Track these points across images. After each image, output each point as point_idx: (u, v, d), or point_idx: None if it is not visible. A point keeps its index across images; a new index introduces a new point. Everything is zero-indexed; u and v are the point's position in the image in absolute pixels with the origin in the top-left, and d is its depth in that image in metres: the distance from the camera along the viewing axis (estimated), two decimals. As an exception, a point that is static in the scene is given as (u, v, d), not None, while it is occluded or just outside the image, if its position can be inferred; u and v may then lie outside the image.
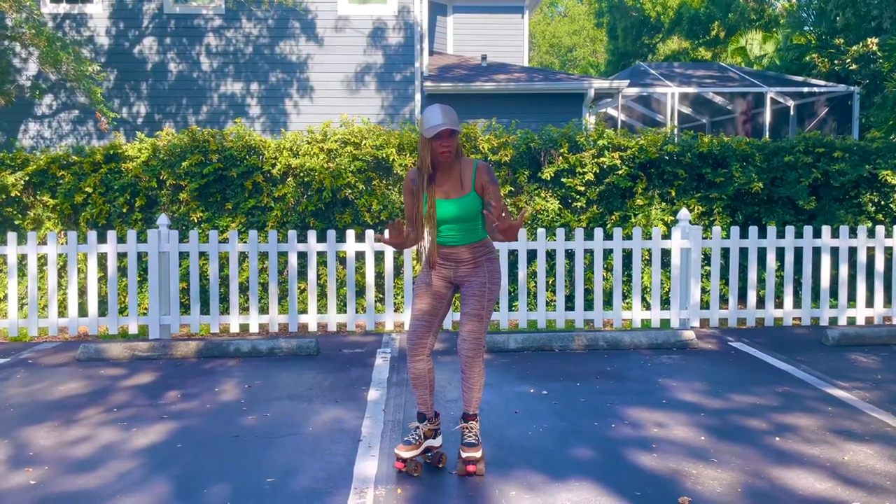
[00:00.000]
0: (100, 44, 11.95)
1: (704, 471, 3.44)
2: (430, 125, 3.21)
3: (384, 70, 12.13)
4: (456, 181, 3.36)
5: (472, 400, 3.45)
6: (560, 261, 6.76)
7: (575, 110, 12.36)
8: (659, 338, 6.02)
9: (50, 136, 11.94)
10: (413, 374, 3.46)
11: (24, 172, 7.41)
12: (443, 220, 3.35)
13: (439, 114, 3.23)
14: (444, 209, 3.34)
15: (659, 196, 7.59)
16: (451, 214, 3.33)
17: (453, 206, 3.33)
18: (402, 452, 3.39)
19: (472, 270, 3.43)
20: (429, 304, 3.44)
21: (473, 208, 3.36)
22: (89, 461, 3.60)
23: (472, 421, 3.43)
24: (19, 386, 5.01)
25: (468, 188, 3.35)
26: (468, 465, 3.36)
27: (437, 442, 3.52)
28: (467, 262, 3.43)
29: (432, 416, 3.51)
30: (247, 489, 3.26)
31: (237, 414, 4.33)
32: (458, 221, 3.35)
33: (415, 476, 3.39)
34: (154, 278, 6.55)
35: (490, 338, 5.99)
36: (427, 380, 3.46)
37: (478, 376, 3.43)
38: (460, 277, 3.45)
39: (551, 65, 37.81)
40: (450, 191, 3.35)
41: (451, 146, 3.27)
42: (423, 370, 3.44)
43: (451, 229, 3.37)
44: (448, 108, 3.28)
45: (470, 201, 3.35)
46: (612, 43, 27.23)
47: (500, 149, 7.51)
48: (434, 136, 3.23)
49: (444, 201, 3.34)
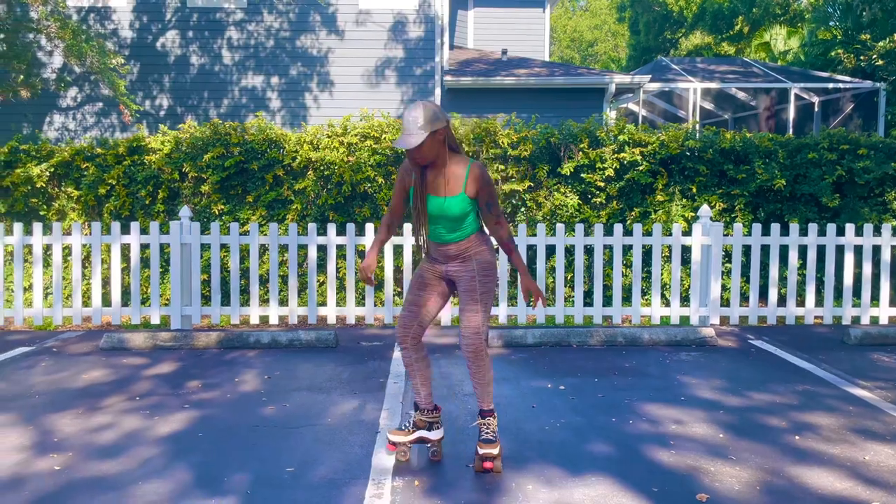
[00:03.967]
0: (123, 37, 12.07)
1: (723, 468, 3.43)
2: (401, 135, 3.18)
3: (404, 64, 12.14)
4: (445, 180, 3.30)
5: (483, 395, 3.43)
6: (579, 256, 6.74)
7: (595, 105, 12.30)
8: (678, 335, 5.99)
9: (74, 128, 12.10)
10: (405, 363, 3.51)
11: (49, 164, 7.53)
12: (431, 215, 3.34)
13: (404, 126, 3.16)
14: (431, 206, 3.32)
15: (679, 192, 7.54)
16: (437, 212, 3.32)
17: (440, 204, 3.30)
18: (392, 436, 3.47)
19: (460, 266, 3.42)
20: (416, 294, 3.47)
21: (461, 209, 3.29)
22: (113, 448, 3.66)
23: (489, 417, 3.42)
24: (44, 374, 5.10)
25: (458, 189, 3.28)
26: (485, 462, 3.35)
27: (434, 435, 3.50)
28: (455, 257, 3.42)
29: (427, 407, 3.51)
30: (266, 478, 3.30)
31: (257, 404, 4.37)
32: (443, 220, 3.33)
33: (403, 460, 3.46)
34: (176, 269, 6.63)
35: (508, 332, 5.99)
36: (416, 369, 3.48)
37: (484, 370, 3.40)
38: (451, 273, 3.46)
39: (572, 59, 37.61)
40: (438, 189, 3.31)
41: (420, 155, 3.18)
42: (410, 359, 3.48)
43: (438, 226, 3.36)
44: (412, 115, 3.14)
45: (457, 202, 3.28)
46: (633, 38, 27.02)
47: (520, 144, 7.50)
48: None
49: (432, 197, 3.32)
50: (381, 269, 7.39)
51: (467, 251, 3.40)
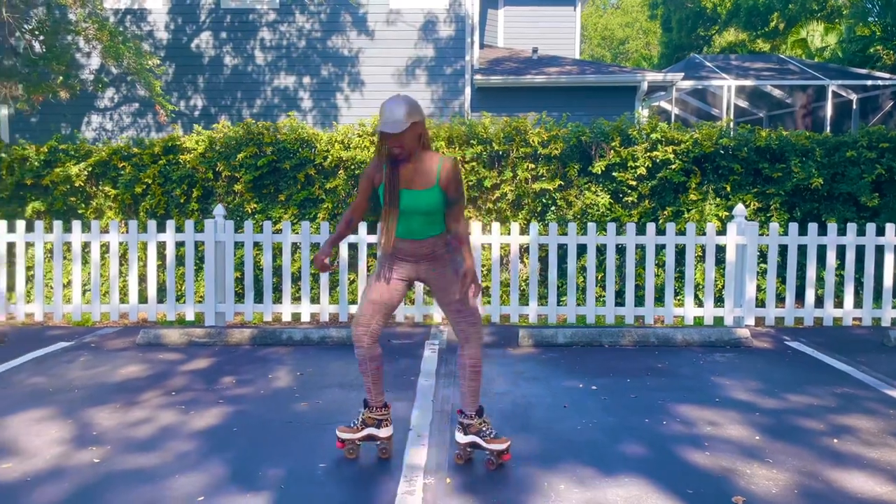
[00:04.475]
0: (159, 38, 12.28)
1: (759, 470, 3.37)
2: (379, 119, 3.21)
3: (434, 63, 12.16)
4: (419, 173, 3.30)
5: (479, 392, 3.46)
6: (611, 256, 6.68)
7: (627, 104, 12.19)
8: (712, 335, 5.91)
9: (111, 128, 12.34)
10: (359, 361, 3.48)
11: (87, 163, 7.69)
12: (404, 210, 3.32)
13: (386, 112, 3.17)
14: (406, 200, 3.31)
15: (713, 191, 7.44)
16: (411, 207, 3.31)
17: (414, 197, 3.30)
18: (341, 434, 3.48)
19: (433, 264, 3.43)
20: (378, 293, 3.44)
21: (435, 202, 3.30)
22: (149, 442, 3.72)
23: (485, 414, 3.49)
24: (83, 368, 5.21)
25: (431, 182, 3.29)
26: (505, 455, 3.40)
27: (383, 433, 3.50)
28: (426, 256, 3.41)
29: (376, 405, 3.50)
30: (300, 473, 3.33)
31: (290, 400, 4.42)
32: (417, 215, 3.33)
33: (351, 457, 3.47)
34: (210, 267, 6.72)
35: (538, 332, 5.97)
36: (370, 367, 3.46)
37: (481, 367, 3.44)
38: (422, 273, 3.45)
39: (603, 58, 37.32)
40: (412, 182, 3.31)
41: (399, 143, 3.18)
42: (365, 357, 3.45)
43: (411, 222, 3.35)
44: (399, 104, 3.17)
45: (431, 195, 3.29)
46: (665, 35, 26.72)
47: (551, 142, 7.46)
48: (380, 135, 3.21)
49: (406, 192, 3.31)
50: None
51: (439, 249, 3.41)
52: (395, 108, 3.16)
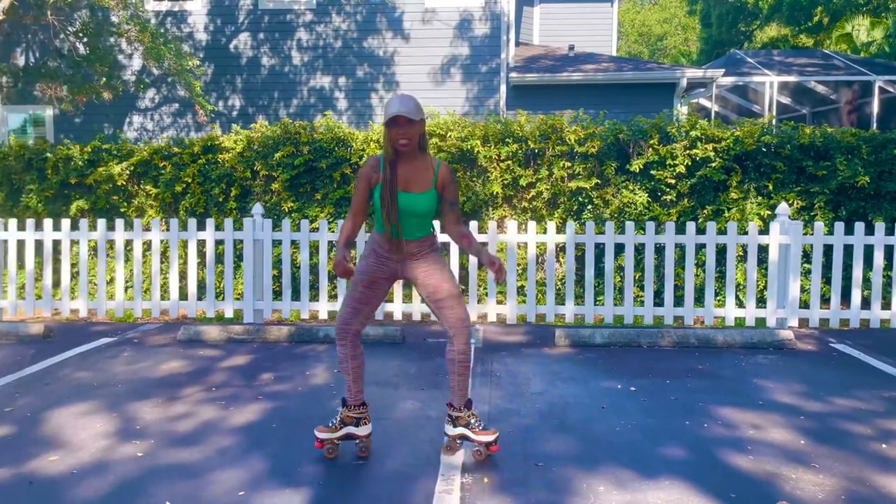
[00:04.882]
0: (198, 39, 12.48)
1: (804, 475, 3.29)
2: (386, 112, 3.22)
3: (470, 62, 12.14)
4: (417, 175, 3.33)
5: (467, 385, 3.50)
6: (649, 255, 6.59)
7: (665, 101, 12.02)
8: (754, 337, 5.79)
9: (152, 128, 12.58)
10: (340, 359, 3.48)
11: (129, 163, 7.84)
12: (401, 211, 3.33)
13: (396, 103, 3.20)
14: (403, 202, 3.32)
15: (755, 190, 7.29)
16: (407, 208, 3.32)
17: (411, 200, 3.32)
18: (320, 434, 3.46)
19: (419, 262, 3.45)
20: (362, 292, 3.44)
21: (430, 205, 3.34)
22: (191, 436, 3.78)
23: (473, 407, 3.55)
24: (126, 364, 5.32)
25: (428, 185, 3.33)
26: (493, 447, 3.45)
27: (362, 431, 3.51)
28: (413, 255, 3.44)
29: (355, 403, 3.50)
30: (338, 469, 3.35)
31: (328, 397, 4.45)
32: (412, 216, 3.34)
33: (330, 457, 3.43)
34: (249, 265, 6.81)
35: (575, 332, 5.91)
36: (351, 365, 3.47)
37: (470, 362, 3.47)
38: (408, 273, 3.46)
39: (640, 54, 36.88)
40: (410, 184, 3.33)
41: (408, 135, 3.21)
42: (347, 355, 3.46)
43: (407, 222, 3.36)
44: (409, 97, 3.24)
45: (427, 198, 3.33)
46: (705, 31, 26.29)
47: (587, 140, 7.39)
48: (390, 123, 3.22)
49: (403, 193, 3.32)
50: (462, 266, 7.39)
51: (424, 248, 3.45)
52: (406, 101, 3.22)
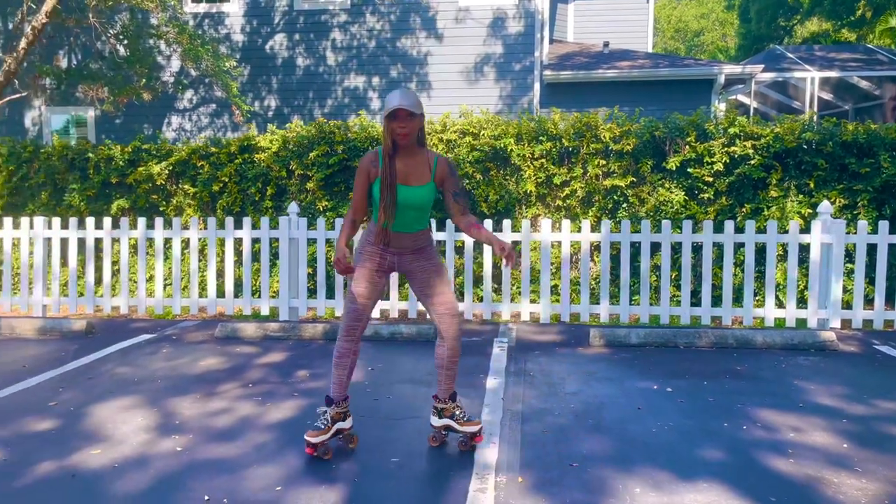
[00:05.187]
0: (235, 40, 12.65)
1: (847, 480, 3.21)
2: (387, 105, 3.26)
3: (503, 60, 12.10)
4: (416, 169, 3.37)
5: (454, 378, 3.57)
6: (686, 254, 6.50)
7: (703, 98, 11.83)
8: (795, 338, 5.67)
9: (190, 128, 12.79)
10: (338, 354, 3.48)
11: (168, 162, 7.99)
12: (400, 205, 3.36)
13: (398, 96, 3.24)
14: (402, 195, 3.35)
15: (795, 188, 7.13)
16: (406, 201, 3.35)
17: (410, 193, 3.35)
18: (312, 438, 3.43)
19: (415, 257, 3.50)
20: (365, 287, 3.47)
21: (428, 198, 3.39)
22: (228, 432, 3.84)
23: (458, 398, 3.64)
24: (165, 360, 5.42)
25: (427, 178, 3.38)
26: (477, 438, 3.54)
27: (347, 424, 3.55)
28: (409, 249, 3.47)
29: (341, 398, 3.52)
30: (373, 468, 3.37)
31: (362, 395, 4.47)
32: (411, 210, 3.38)
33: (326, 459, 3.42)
34: (284, 263, 6.88)
35: (610, 331, 5.86)
36: (349, 362, 3.49)
37: (458, 357, 3.56)
38: (404, 265, 3.50)
39: (676, 50, 36.38)
40: (409, 177, 3.37)
41: (408, 127, 3.26)
42: (349, 351, 3.48)
43: (405, 216, 3.40)
44: (410, 92, 3.29)
45: (426, 191, 3.38)
46: (743, 26, 25.82)
47: (622, 138, 7.31)
48: (391, 117, 3.25)
49: (402, 187, 3.36)
50: (479, 265, 7.39)
51: (421, 243, 3.49)
52: (407, 95, 3.27)
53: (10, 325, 6.39)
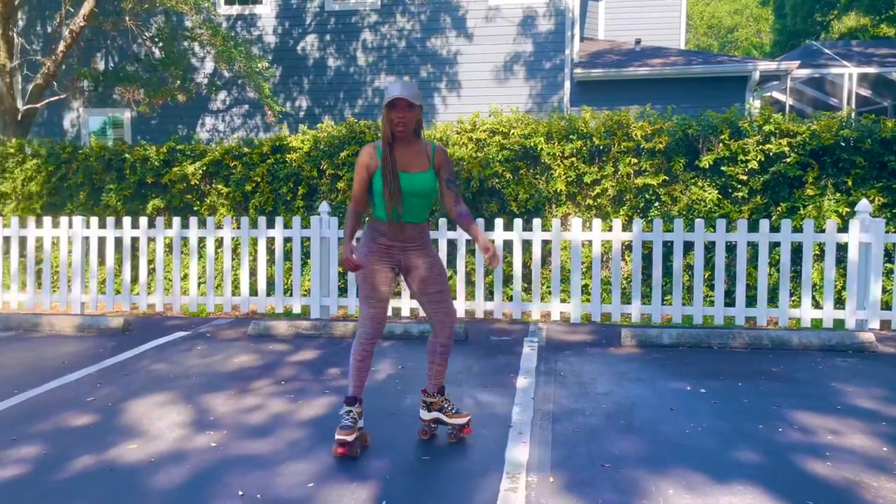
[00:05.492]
0: (267, 42, 12.78)
1: (887, 483, 3.14)
2: (387, 95, 3.32)
3: (533, 58, 12.05)
4: (415, 157, 3.44)
5: (444, 374, 3.69)
6: (720, 253, 6.41)
7: (737, 95, 11.65)
8: (832, 339, 5.56)
9: (223, 128, 12.96)
10: (360, 357, 3.52)
11: (202, 162, 8.10)
12: (404, 192, 3.41)
13: (398, 86, 3.31)
14: (405, 182, 3.41)
15: (833, 186, 6.99)
16: (409, 189, 3.40)
17: (413, 179, 3.41)
18: (347, 437, 3.43)
19: (419, 253, 3.55)
20: (379, 289, 3.50)
21: (431, 185, 3.46)
22: (262, 428, 3.88)
23: (446, 392, 3.74)
24: (200, 357, 5.50)
25: (426, 165, 3.46)
26: (465, 429, 3.65)
27: (362, 423, 3.61)
28: (414, 241, 3.52)
29: (360, 398, 3.59)
30: (404, 465, 3.38)
31: (393, 393, 4.49)
32: (415, 197, 3.43)
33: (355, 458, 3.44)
34: (316, 262, 6.94)
35: (642, 332, 5.80)
36: (367, 364, 3.55)
37: (449, 354, 3.66)
38: (410, 260, 3.53)
39: (709, 47, 35.88)
40: (409, 165, 3.43)
41: (406, 118, 3.33)
42: (367, 353, 3.53)
43: (411, 204, 3.44)
44: (410, 84, 3.36)
45: (428, 177, 3.45)
46: (778, 22, 25.36)
47: (654, 136, 7.24)
48: (390, 106, 3.32)
49: (404, 174, 3.41)
50: (509, 264, 7.37)
51: (424, 237, 3.56)
52: (408, 86, 3.34)
53: (50, 322, 6.54)
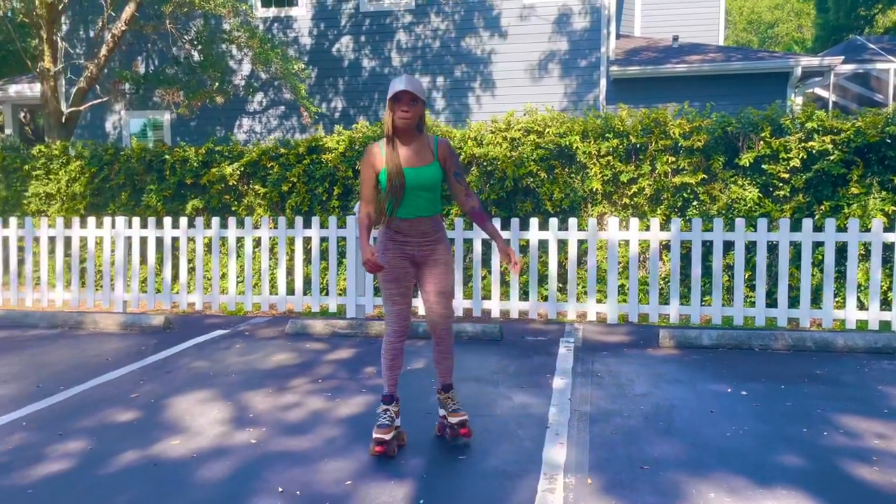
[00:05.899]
0: (303, 44, 12.91)
1: (939, 492, 3.04)
2: (392, 89, 3.34)
3: (568, 57, 11.96)
4: (419, 151, 3.46)
5: (449, 371, 3.67)
6: (761, 253, 6.29)
7: (778, 91, 11.41)
8: (879, 341, 5.42)
9: (260, 130, 13.13)
10: (392, 356, 3.55)
11: (240, 163, 8.22)
12: (410, 187, 3.42)
13: (403, 80, 3.34)
14: (410, 176, 3.42)
15: (878, 184, 6.81)
16: (415, 183, 3.41)
17: (417, 173, 3.42)
18: (385, 435, 3.44)
19: (433, 248, 3.56)
20: (401, 286, 3.53)
21: (436, 178, 3.47)
22: (300, 426, 3.92)
23: (451, 391, 3.66)
24: (238, 355, 5.58)
25: (430, 158, 3.48)
26: (462, 429, 3.59)
27: (399, 421, 3.63)
28: (428, 235, 3.53)
29: (397, 396, 3.61)
30: (441, 464, 3.38)
31: (428, 393, 4.50)
32: (422, 191, 3.44)
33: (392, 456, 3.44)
34: (351, 262, 6.99)
35: (681, 332, 5.72)
36: (399, 362, 3.58)
37: (453, 349, 3.66)
38: (423, 255, 3.54)
39: (749, 43, 35.22)
40: (414, 160, 3.45)
41: (411, 112, 3.36)
42: (398, 351, 3.55)
43: (418, 199, 3.45)
44: (415, 79, 3.38)
45: (433, 170, 3.46)
46: (820, 16, 24.78)
47: (693, 134, 7.13)
48: (394, 100, 3.35)
49: (409, 169, 3.43)
50: (544, 264, 7.33)
51: (438, 230, 3.57)
52: (412, 81, 3.37)
53: (94, 320, 6.70)
